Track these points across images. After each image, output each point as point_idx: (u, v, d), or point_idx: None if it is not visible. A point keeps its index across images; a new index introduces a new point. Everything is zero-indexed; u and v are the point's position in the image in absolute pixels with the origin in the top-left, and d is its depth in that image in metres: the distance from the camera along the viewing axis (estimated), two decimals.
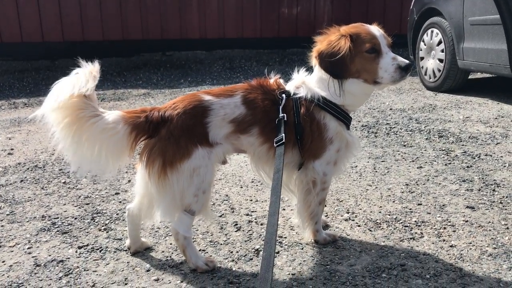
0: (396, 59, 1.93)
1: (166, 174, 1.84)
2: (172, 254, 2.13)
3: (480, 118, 4.37)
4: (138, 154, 2.04)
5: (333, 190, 2.80)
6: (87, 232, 2.37)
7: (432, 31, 5.72)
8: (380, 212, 2.51)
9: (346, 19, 2.11)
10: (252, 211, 2.56)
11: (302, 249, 2.14)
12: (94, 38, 8.06)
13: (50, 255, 2.14)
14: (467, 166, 3.14)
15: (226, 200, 2.73)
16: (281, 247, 2.16)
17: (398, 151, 3.51)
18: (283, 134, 1.88)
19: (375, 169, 3.17)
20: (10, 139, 4.24)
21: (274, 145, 1.88)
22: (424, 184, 2.88)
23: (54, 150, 3.76)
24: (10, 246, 2.23)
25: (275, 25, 9.12)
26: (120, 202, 2.74)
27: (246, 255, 2.09)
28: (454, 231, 2.27)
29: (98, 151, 1.87)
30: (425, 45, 5.87)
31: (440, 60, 5.57)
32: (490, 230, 2.27)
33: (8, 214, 2.60)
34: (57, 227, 2.42)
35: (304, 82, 2.05)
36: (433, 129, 4.07)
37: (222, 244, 2.21)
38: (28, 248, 2.21)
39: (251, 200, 2.72)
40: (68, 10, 7.86)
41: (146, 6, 8.25)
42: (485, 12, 4.73)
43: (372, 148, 3.63)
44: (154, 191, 1.89)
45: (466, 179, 2.91)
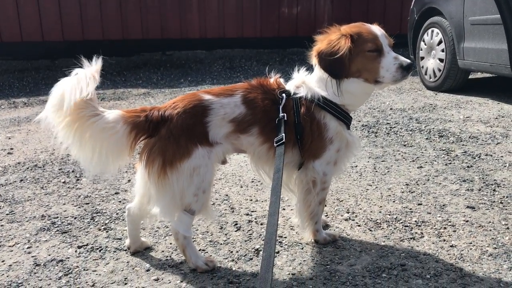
0: (398, 59, 1.93)
1: (166, 174, 1.83)
2: (172, 253, 2.13)
3: (480, 118, 4.37)
4: (138, 153, 2.04)
5: (333, 189, 2.80)
6: (87, 231, 2.37)
7: (432, 31, 5.71)
8: (380, 212, 2.50)
9: (346, 19, 2.10)
10: (252, 211, 2.56)
11: (302, 249, 2.14)
12: (94, 38, 8.05)
13: (49, 255, 2.14)
14: (468, 166, 3.14)
15: (226, 199, 2.72)
16: (281, 247, 2.16)
17: (398, 151, 3.51)
18: (283, 134, 1.87)
19: (375, 169, 3.16)
20: (9, 139, 4.24)
21: (274, 145, 1.88)
22: (424, 184, 2.87)
23: (54, 150, 3.79)
24: (10, 246, 2.23)
25: (275, 24, 9.12)
26: (120, 201, 2.74)
27: (246, 255, 2.09)
28: (455, 231, 2.27)
29: (99, 150, 1.88)
30: (425, 44, 5.87)
31: (440, 59, 5.57)
32: (490, 230, 2.26)
33: (7, 214, 2.60)
34: (56, 227, 2.42)
35: (304, 81, 2.04)
36: (433, 129, 4.06)
37: (222, 244, 2.21)
38: (27, 247, 2.21)
39: (251, 200, 2.72)
40: (68, 9, 7.86)
41: (146, 5, 8.25)
42: (485, 11, 4.73)
43: (372, 147, 3.62)
44: (154, 191, 1.88)
45: (467, 179, 2.91)
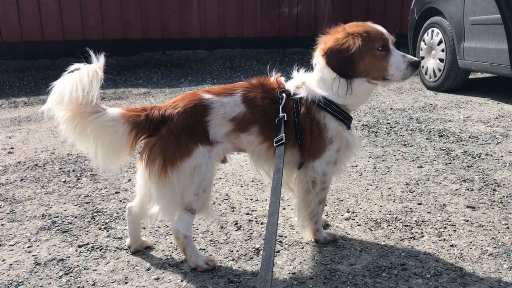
0: (405, 56, 1.96)
1: (167, 173, 1.83)
2: (172, 253, 2.13)
3: (480, 118, 4.37)
4: (138, 153, 2.04)
5: (333, 189, 2.80)
6: (87, 231, 2.37)
7: (432, 31, 5.71)
8: (380, 211, 2.51)
9: (346, 19, 2.10)
10: (252, 210, 2.56)
11: (303, 248, 2.14)
12: (95, 37, 8.05)
13: (50, 254, 2.14)
14: (468, 166, 3.14)
15: (227, 199, 2.73)
16: (281, 246, 2.16)
17: (399, 151, 3.51)
18: (283, 134, 1.87)
19: (376, 168, 3.16)
20: (10, 138, 4.24)
21: (274, 145, 1.88)
22: (424, 183, 2.87)
23: (54, 149, 3.79)
24: (10, 245, 2.23)
25: (276, 24, 9.12)
26: (120, 201, 2.74)
27: (246, 254, 2.09)
28: (455, 231, 2.27)
29: (101, 147, 1.88)
30: (425, 44, 5.87)
31: (440, 59, 5.57)
32: (490, 230, 2.27)
33: (8, 213, 2.60)
34: (57, 226, 2.42)
35: (304, 81, 2.03)
36: (433, 128, 4.06)
37: (222, 243, 2.21)
38: (28, 247, 2.21)
39: (252, 199, 2.72)
40: (68, 9, 7.86)
41: (146, 5, 8.25)
42: (485, 11, 4.73)
43: (372, 147, 3.62)
44: (155, 190, 1.89)
45: (467, 179, 2.91)
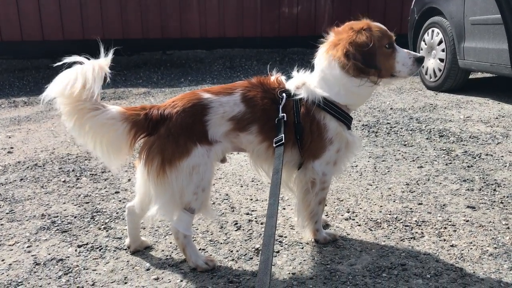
0: (410, 53, 2.00)
1: (165, 172, 1.83)
2: (172, 253, 2.13)
3: (480, 118, 4.36)
4: (138, 152, 2.03)
5: (333, 189, 2.80)
6: (87, 231, 2.36)
7: (432, 31, 5.71)
8: (380, 211, 2.50)
9: (346, 19, 2.09)
10: (252, 210, 2.55)
11: (303, 248, 2.14)
12: (95, 37, 8.05)
13: (49, 254, 2.13)
14: (468, 166, 3.13)
15: (226, 199, 2.72)
16: (281, 247, 2.15)
17: (399, 151, 3.51)
18: (283, 135, 1.86)
19: (376, 168, 3.16)
20: (10, 138, 4.24)
21: (274, 145, 1.87)
22: (424, 183, 2.87)
23: (54, 149, 3.78)
24: (10, 245, 2.23)
25: (276, 24, 9.11)
26: (120, 201, 2.73)
27: (246, 254, 2.09)
28: (455, 231, 2.26)
29: (99, 145, 1.88)
30: (425, 44, 5.86)
31: (440, 59, 5.56)
32: (490, 230, 2.26)
33: (7, 213, 2.59)
34: (56, 226, 2.42)
35: (304, 82, 2.02)
36: (433, 128, 4.06)
37: (222, 243, 2.20)
38: (27, 246, 2.21)
39: (251, 199, 2.72)
40: (68, 9, 7.86)
41: (146, 5, 8.25)
42: (486, 11, 4.72)
43: (372, 147, 3.62)
44: (153, 189, 1.88)
45: (467, 179, 2.90)
